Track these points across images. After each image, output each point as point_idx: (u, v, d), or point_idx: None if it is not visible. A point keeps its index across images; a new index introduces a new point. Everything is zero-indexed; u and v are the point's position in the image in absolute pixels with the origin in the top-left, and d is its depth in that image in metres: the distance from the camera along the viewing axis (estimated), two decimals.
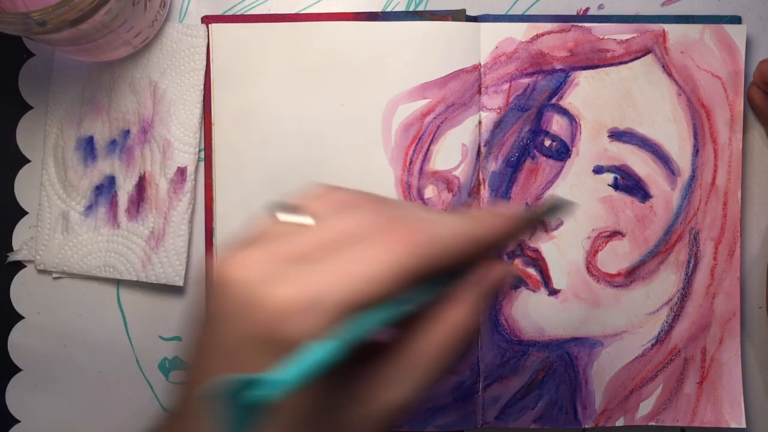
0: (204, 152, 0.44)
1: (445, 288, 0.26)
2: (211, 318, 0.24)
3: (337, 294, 0.23)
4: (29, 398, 0.45)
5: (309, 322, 0.22)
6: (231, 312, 0.23)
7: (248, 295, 0.23)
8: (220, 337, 0.23)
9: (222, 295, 0.23)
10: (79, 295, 0.45)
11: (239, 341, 0.23)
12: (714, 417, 0.44)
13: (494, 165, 0.44)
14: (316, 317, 0.22)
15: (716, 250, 0.44)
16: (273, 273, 0.23)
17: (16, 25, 0.35)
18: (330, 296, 0.22)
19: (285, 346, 0.22)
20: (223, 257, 0.25)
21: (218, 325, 0.23)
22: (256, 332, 0.22)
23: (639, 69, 0.44)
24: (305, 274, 0.23)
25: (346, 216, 0.25)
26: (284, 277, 0.23)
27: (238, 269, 0.23)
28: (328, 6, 0.45)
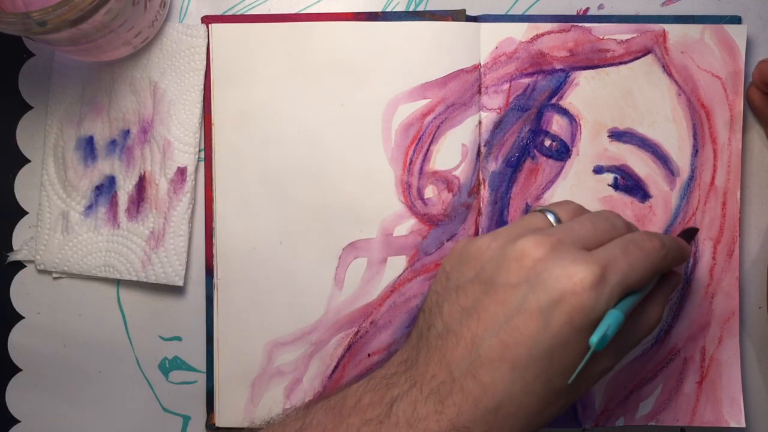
0: (204, 152, 0.44)
1: (653, 284, 0.36)
2: (501, 284, 0.32)
3: (618, 277, 0.32)
4: (29, 398, 0.45)
5: (602, 294, 0.31)
6: (529, 280, 0.31)
7: (546, 269, 0.31)
8: (520, 300, 0.31)
9: (518, 267, 0.32)
10: (79, 295, 0.45)
11: (545, 304, 0.31)
12: (713, 416, 0.44)
13: (494, 165, 0.44)
14: (606, 291, 0.31)
15: (715, 250, 0.44)
16: (564, 253, 0.32)
17: (16, 25, 0.35)
18: (613, 278, 0.31)
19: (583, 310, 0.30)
20: (508, 236, 0.33)
21: (517, 290, 0.31)
22: (558, 298, 0.31)
23: (639, 69, 0.44)
24: (589, 257, 0.31)
25: (585, 220, 0.34)
26: (575, 257, 0.31)
27: (532, 247, 0.32)
28: (328, 6, 0.45)
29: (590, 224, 0.34)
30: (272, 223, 0.44)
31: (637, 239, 0.34)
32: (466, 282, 0.33)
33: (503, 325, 0.31)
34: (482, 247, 0.34)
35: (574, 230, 0.34)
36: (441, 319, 0.33)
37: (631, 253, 0.33)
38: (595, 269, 0.31)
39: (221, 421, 0.44)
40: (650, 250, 0.34)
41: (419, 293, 0.44)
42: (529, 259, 0.32)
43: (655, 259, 0.34)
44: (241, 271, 0.44)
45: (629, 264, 0.32)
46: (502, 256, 0.33)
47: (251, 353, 0.44)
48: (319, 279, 0.44)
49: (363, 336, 0.44)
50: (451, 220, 0.43)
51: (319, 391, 0.44)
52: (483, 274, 0.33)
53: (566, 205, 0.36)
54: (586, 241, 0.33)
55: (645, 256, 0.33)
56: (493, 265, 0.33)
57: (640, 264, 0.33)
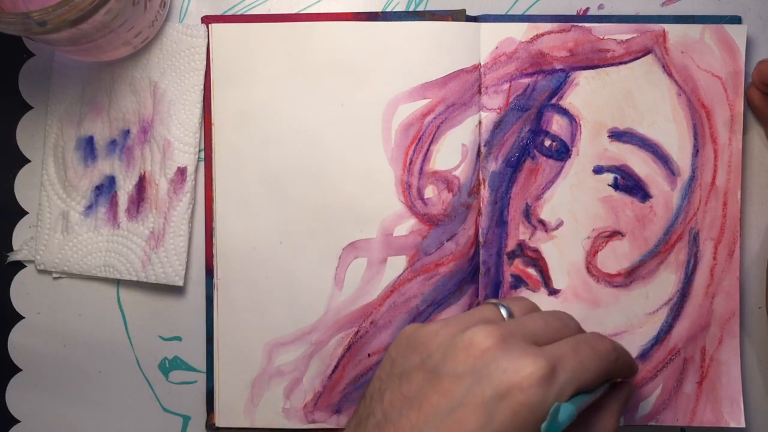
0: (204, 152, 0.44)
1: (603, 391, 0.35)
2: (447, 373, 0.31)
3: (568, 374, 0.31)
4: (29, 398, 0.45)
5: (551, 391, 0.30)
6: (476, 371, 0.30)
7: (494, 360, 0.30)
8: (464, 391, 0.30)
9: (465, 356, 0.31)
10: (79, 295, 0.45)
11: (490, 398, 0.30)
12: (713, 416, 0.44)
13: (494, 165, 0.44)
14: (555, 388, 0.30)
15: (716, 250, 0.44)
16: (513, 346, 0.31)
17: (16, 25, 0.35)
18: (563, 375, 0.31)
19: (529, 406, 0.29)
20: (458, 325, 0.33)
21: (462, 381, 0.30)
22: (504, 392, 0.30)
23: (639, 69, 0.44)
24: (538, 352, 0.31)
25: (537, 317, 0.34)
26: (524, 350, 0.31)
27: (482, 338, 0.31)
28: (328, 6, 0.45)
29: (542, 321, 0.34)
30: (272, 223, 0.44)
31: (588, 339, 0.33)
32: (411, 369, 0.32)
33: (444, 418, 0.30)
34: (431, 333, 0.33)
35: (526, 325, 0.33)
36: (381, 407, 0.32)
37: (582, 351, 0.32)
38: (544, 364, 0.30)
39: (221, 421, 0.44)
40: (602, 350, 0.33)
41: (419, 293, 0.44)
42: (477, 348, 0.31)
43: (606, 361, 0.33)
44: (241, 271, 0.44)
45: (580, 362, 0.32)
46: (450, 344, 0.32)
47: (251, 353, 0.44)
48: (319, 279, 0.44)
49: (363, 336, 0.44)
50: (451, 220, 0.43)
51: (319, 391, 0.44)
52: (429, 361, 0.32)
53: (520, 301, 0.36)
54: (536, 336, 0.33)
55: (596, 356, 0.32)
56: (441, 353, 0.32)
57: (590, 364, 0.32)
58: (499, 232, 0.44)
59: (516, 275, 0.44)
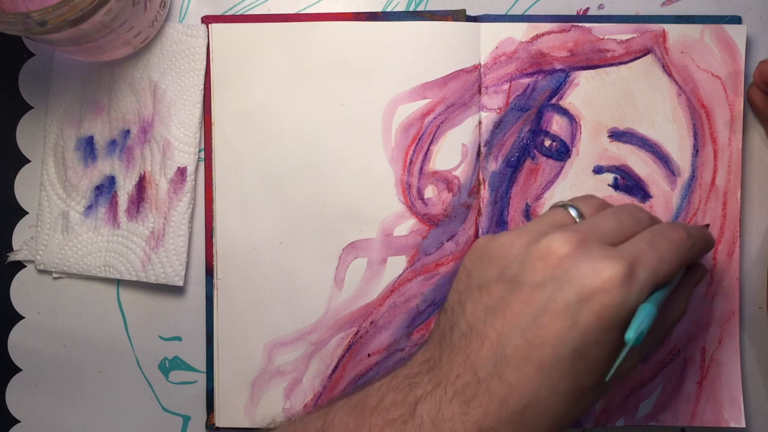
0: (204, 152, 0.44)
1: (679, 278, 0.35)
2: (527, 282, 0.31)
3: (647, 272, 0.31)
4: (29, 398, 0.45)
5: (632, 290, 0.30)
6: (556, 278, 0.31)
7: (574, 266, 0.30)
8: (546, 298, 0.30)
9: (543, 264, 0.31)
10: (79, 295, 0.45)
11: (573, 302, 0.30)
12: (713, 417, 0.44)
13: (494, 165, 0.44)
14: (636, 287, 0.30)
15: (716, 250, 0.44)
16: (591, 250, 0.31)
17: (16, 25, 0.35)
18: (642, 273, 0.31)
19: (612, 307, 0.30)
20: (532, 234, 0.33)
21: (543, 289, 0.31)
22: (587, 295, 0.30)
23: (639, 69, 0.44)
24: (616, 254, 0.31)
25: (609, 215, 0.34)
26: (602, 254, 0.31)
27: (558, 244, 0.31)
28: (328, 6, 0.45)
29: (615, 219, 0.33)
30: (272, 223, 0.44)
31: (663, 231, 0.33)
32: (490, 280, 0.33)
33: (529, 324, 0.30)
34: (506, 244, 0.33)
35: (599, 226, 0.33)
36: (464, 318, 0.33)
37: (658, 245, 0.32)
38: (624, 265, 0.30)
39: (221, 421, 0.44)
40: (677, 241, 0.33)
41: (419, 293, 0.43)
42: (555, 256, 0.31)
43: (682, 250, 0.33)
44: (241, 271, 0.44)
45: (658, 257, 0.32)
46: (527, 254, 0.32)
47: (251, 353, 0.44)
48: (319, 279, 0.44)
49: (363, 336, 0.44)
50: (451, 220, 0.43)
51: (319, 391, 0.44)
52: (507, 272, 0.32)
53: (588, 199, 0.36)
54: (612, 236, 0.33)
55: (672, 248, 0.33)
56: (518, 263, 0.32)
57: (668, 256, 0.32)
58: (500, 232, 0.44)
59: None
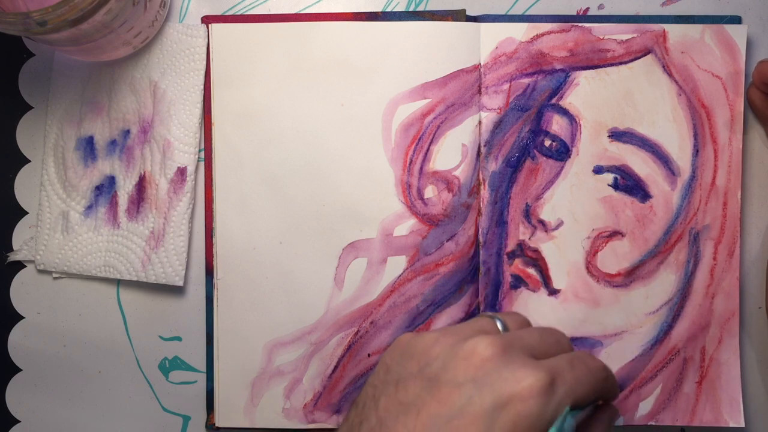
0: (204, 152, 0.44)
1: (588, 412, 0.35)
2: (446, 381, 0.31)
3: (566, 387, 0.31)
4: (29, 398, 0.45)
5: (550, 402, 0.30)
6: (477, 380, 0.30)
7: (496, 370, 0.30)
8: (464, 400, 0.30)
9: (466, 365, 0.31)
10: (79, 295, 0.45)
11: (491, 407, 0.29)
12: (713, 416, 0.44)
13: (494, 165, 0.44)
14: (554, 400, 0.30)
15: (716, 250, 0.44)
16: (514, 357, 0.31)
17: (16, 25, 0.35)
18: (561, 387, 0.31)
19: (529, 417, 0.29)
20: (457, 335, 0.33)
21: (462, 390, 0.30)
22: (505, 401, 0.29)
23: (639, 69, 0.44)
24: (537, 364, 0.31)
25: (533, 331, 0.34)
26: (525, 362, 0.31)
27: (483, 347, 0.31)
28: (328, 6, 0.45)
29: (537, 335, 0.34)
30: (272, 223, 0.44)
31: (581, 356, 0.33)
32: (408, 376, 0.32)
33: (442, 427, 0.30)
34: (429, 342, 0.33)
35: (523, 338, 0.33)
36: (376, 413, 0.32)
37: (577, 367, 0.32)
38: (544, 376, 0.30)
39: (221, 421, 0.44)
40: (594, 368, 0.33)
41: (419, 293, 0.44)
42: (478, 357, 0.31)
43: (598, 378, 0.33)
44: (241, 271, 0.44)
45: (576, 377, 0.32)
46: (450, 353, 0.32)
47: (251, 353, 0.44)
48: (319, 279, 0.44)
49: (363, 336, 0.44)
50: (451, 220, 0.43)
51: (319, 391, 0.44)
52: (428, 369, 0.32)
53: (513, 315, 0.36)
54: (534, 350, 0.33)
55: (589, 373, 0.33)
56: (440, 361, 0.32)
57: (585, 379, 0.32)
58: (499, 232, 0.44)
59: (516, 275, 0.44)
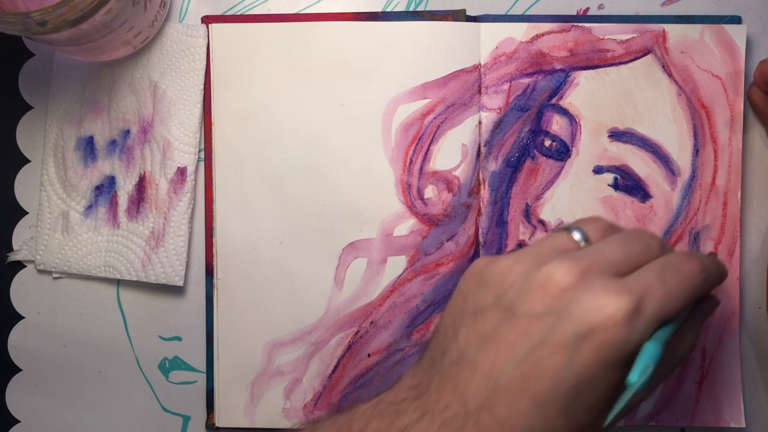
0: (204, 152, 0.44)
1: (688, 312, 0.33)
2: (524, 313, 0.29)
3: (654, 307, 0.29)
4: (29, 398, 0.45)
5: (636, 328, 0.28)
6: (555, 311, 0.29)
7: (575, 299, 0.29)
8: (544, 331, 0.29)
9: (543, 295, 0.29)
10: (79, 295, 0.45)
11: (572, 337, 0.28)
12: (713, 416, 0.44)
13: (494, 165, 0.44)
14: (640, 325, 0.28)
15: (716, 250, 0.44)
16: (594, 282, 0.29)
17: (16, 25, 0.35)
18: (649, 308, 0.29)
19: (614, 344, 0.28)
20: (532, 259, 0.31)
21: (541, 321, 0.29)
22: (587, 332, 0.28)
23: (639, 69, 0.44)
24: (621, 287, 0.29)
25: (616, 242, 0.31)
26: (606, 286, 0.29)
27: (560, 275, 0.29)
28: (328, 6, 0.45)
29: (622, 246, 0.31)
30: (272, 223, 0.44)
31: (674, 262, 0.31)
32: (485, 307, 0.31)
33: (525, 357, 0.29)
34: (504, 269, 0.31)
35: (605, 254, 0.31)
36: (456, 344, 0.31)
37: (668, 279, 0.30)
38: (629, 301, 0.28)
39: (221, 421, 0.44)
40: (689, 273, 0.31)
41: (419, 293, 0.43)
42: (555, 287, 0.29)
43: (694, 284, 0.31)
44: (241, 271, 0.44)
45: (666, 292, 0.30)
46: (526, 282, 0.30)
47: (251, 353, 0.44)
48: (319, 279, 0.44)
49: (363, 336, 0.44)
50: (451, 220, 0.43)
51: (319, 391, 0.44)
52: (504, 300, 0.30)
53: (595, 222, 0.33)
54: (618, 266, 0.30)
55: (683, 281, 0.30)
56: (516, 291, 0.30)
57: (678, 291, 0.30)
58: (499, 232, 0.44)
59: None
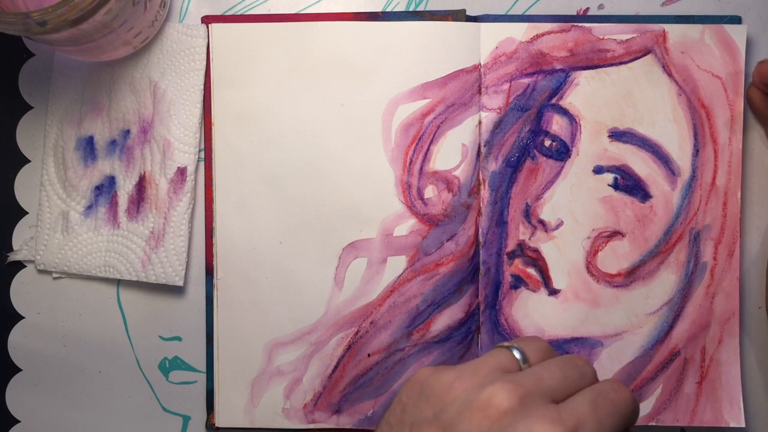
0: (204, 152, 0.44)
1: None
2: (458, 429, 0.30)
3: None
4: (29, 398, 0.45)
5: None
6: None
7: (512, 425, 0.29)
8: None
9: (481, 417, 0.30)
10: (79, 295, 0.45)
11: None
12: (713, 416, 0.44)
13: (494, 165, 0.44)
14: None
15: (716, 250, 0.44)
16: (532, 408, 0.30)
17: (16, 25, 0.35)
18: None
19: None
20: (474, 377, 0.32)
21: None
22: None
23: (639, 69, 0.44)
24: (556, 416, 0.30)
25: (555, 368, 0.32)
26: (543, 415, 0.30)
27: (500, 399, 0.30)
28: (328, 6, 0.45)
29: (560, 372, 0.33)
30: (272, 223, 0.44)
31: (607, 392, 0.32)
32: (423, 421, 0.31)
33: None
34: (446, 384, 0.32)
35: (543, 380, 0.32)
36: None
37: (600, 408, 0.31)
38: (563, 430, 0.29)
39: (221, 421, 0.44)
40: (620, 404, 0.32)
41: (419, 293, 0.44)
42: (495, 410, 0.30)
43: (624, 413, 0.32)
44: (241, 271, 0.44)
45: (598, 421, 0.31)
46: (467, 401, 0.31)
47: (251, 353, 0.44)
48: (319, 279, 0.44)
49: (363, 336, 0.44)
50: (451, 220, 0.43)
51: (319, 391, 0.44)
52: (443, 416, 0.31)
53: (534, 343, 0.35)
54: (555, 392, 0.32)
55: (615, 411, 0.32)
56: (456, 408, 0.31)
57: (610, 421, 0.31)
58: (499, 232, 0.44)
59: (516, 275, 0.44)
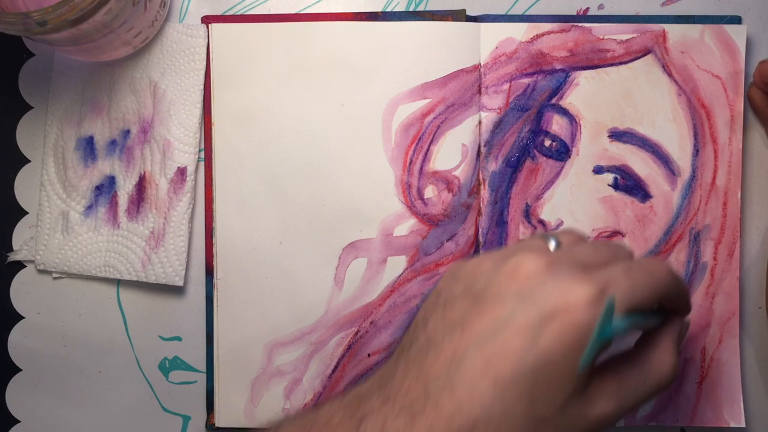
0: (204, 152, 0.44)
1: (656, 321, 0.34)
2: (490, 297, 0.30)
3: (618, 296, 0.29)
4: (29, 398, 0.45)
5: (597, 312, 0.29)
6: (520, 295, 0.30)
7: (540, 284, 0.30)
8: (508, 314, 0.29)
9: (509, 280, 0.30)
10: (79, 295, 0.45)
11: (536, 320, 0.29)
12: (713, 416, 0.44)
13: (494, 165, 0.44)
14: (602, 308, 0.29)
15: (716, 250, 0.44)
16: (561, 270, 0.30)
17: (16, 25, 0.35)
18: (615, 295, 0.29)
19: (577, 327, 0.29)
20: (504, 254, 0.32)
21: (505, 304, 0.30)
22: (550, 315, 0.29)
23: (639, 69, 0.44)
24: (586, 276, 0.30)
25: (586, 245, 0.33)
26: (573, 275, 0.30)
27: (527, 263, 0.30)
28: (328, 6, 0.45)
29: (591, 248, 0.32)
30: (272, 223, 0.44)
31: (642, 263, 0.32)
32: (455, 296, 0.32)
33: (488, 340, 0.29)
34: (476, 263, 0.32)
35: (574, 251, 0.32)
36: (425, 333, 0.31)
37: (634, 273, 0.31)
38: (592, 288, 0.29)
39: (221, 421, 0.44)
40: (656, 273, 0.32)
41: (419, 293, 0.44)
42: (522, 273, 0.30)
43: (661, 282, 0.32)
44: (241, 271, 0.44)
45: (631, 283, 0.30)
46: (494, 270, 0.31)
47: (251, 353, 0.44)
48: (319, 279, 0.44)
49: (363, 336, 0.44)
50: (451, 220, 0.43)
51: (319, 391, 0.44)
52: (473, 288, 0.31)
53: (569, 233, 0.35)
54: (585, 263, 0.31)
55: (649, 278, 0.31)
56: (485, 279, 0.31)
57: (643, 284, 0.31)
58: (499, 232, 0.44)
59: None
